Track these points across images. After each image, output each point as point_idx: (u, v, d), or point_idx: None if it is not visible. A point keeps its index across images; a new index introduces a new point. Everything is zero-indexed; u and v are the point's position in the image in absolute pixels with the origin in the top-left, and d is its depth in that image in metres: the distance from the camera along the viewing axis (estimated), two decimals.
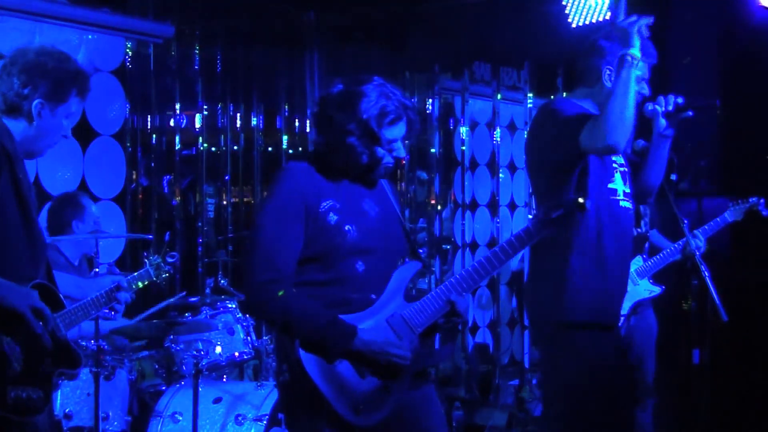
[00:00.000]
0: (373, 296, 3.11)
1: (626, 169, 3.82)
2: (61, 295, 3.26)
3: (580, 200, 3.11)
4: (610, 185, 3.69)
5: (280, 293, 3.00)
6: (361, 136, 3.05)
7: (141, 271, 3.85)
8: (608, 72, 3.63)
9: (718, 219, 5.16)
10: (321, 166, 3.13)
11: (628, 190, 3.78)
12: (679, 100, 3.68)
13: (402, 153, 3.14)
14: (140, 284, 3.80)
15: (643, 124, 3.78)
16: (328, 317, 3.02)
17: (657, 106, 3.69)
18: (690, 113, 3.69)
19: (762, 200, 5.27)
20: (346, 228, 3.07)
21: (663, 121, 3.71)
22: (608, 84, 3.61)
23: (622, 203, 3.70)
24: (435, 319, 3.15)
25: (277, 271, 3.00)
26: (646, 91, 3.72)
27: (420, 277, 3.54)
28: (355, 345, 3.01)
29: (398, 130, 3.09)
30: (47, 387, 3.09)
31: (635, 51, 3.37)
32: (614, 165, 3.73)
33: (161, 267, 3.93)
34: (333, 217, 3.07)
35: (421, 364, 3.18)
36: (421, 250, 3.82)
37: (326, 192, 3.09)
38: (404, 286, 3.17)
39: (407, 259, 3.29)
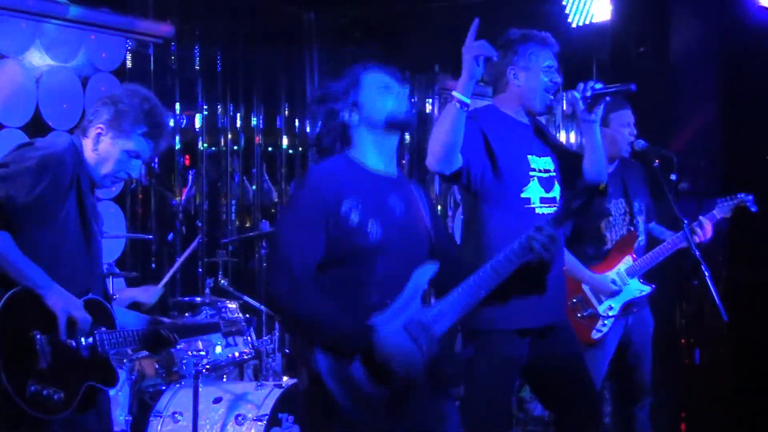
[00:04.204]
0: (389, 300, 3.10)
1: (552, 174, 3.79)
2: (114, 316, 3.32)
3: (600, 186, 3.15)
4: (522, 194, 3.69)
5: (299, 297, 3.02)
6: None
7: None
8: (512, 72, 3.78)
9: (707, 215, 5.11)
10: (341, 163, 3.15)
11: (550, 195, 3.75)
12: (598, 85, 3.70)
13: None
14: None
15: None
16: (345, 316, 3.02)
17: (575, 93, 3.72)
18: (608, 98, 3.71)
19: (750, 196, 5.19)
20: (369, 225, 3.07)
21: (582, 106, 3.70)
22: (516, 82, 3.77)
23: (539, 210, 3.69)
24: (455, 321, 3.14)
25: (294, 279, 3.01)
26: (558, 79, 3.81)
27: None
28: (372, 343, 2.98)
29: None
30: (70, 393, 3.10)
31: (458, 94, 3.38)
32: (531, 173, 3.72)
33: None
34: (355, 217, 3.07)
35: (441, 368, 3.15)
36: None
37: (348, 191, 3.08)
38: (422, 289, 3.14)
39: (426, 262, 3.28)
